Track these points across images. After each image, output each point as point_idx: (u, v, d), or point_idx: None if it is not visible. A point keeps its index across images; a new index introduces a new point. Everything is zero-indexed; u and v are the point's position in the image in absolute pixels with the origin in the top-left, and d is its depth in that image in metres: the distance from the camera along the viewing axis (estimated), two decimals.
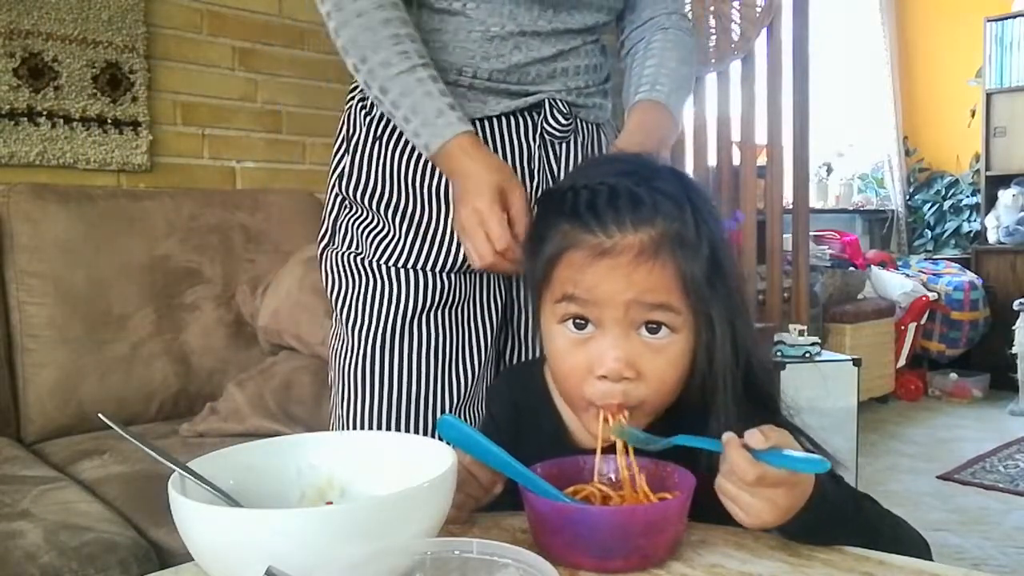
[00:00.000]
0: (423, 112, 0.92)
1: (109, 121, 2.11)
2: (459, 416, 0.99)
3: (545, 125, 1.02)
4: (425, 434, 0.96)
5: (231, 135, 2.36)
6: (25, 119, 1.99)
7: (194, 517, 0.56)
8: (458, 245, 0.98)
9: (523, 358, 1.08)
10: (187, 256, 1.98)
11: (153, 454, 0.63)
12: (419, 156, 1.00)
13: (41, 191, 1.86)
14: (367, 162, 1.03)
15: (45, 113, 2.01)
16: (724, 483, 0.64)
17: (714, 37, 3.18)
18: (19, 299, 1.79)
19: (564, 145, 1.04)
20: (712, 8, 3.16)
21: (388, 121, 1.02)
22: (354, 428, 0.99)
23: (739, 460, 0.62)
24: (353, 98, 1.07)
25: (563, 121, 1.02)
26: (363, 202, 1.03)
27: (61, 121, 2.04)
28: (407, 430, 0.97)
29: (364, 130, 1.04)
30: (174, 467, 0.62)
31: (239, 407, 1.77)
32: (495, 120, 1.01)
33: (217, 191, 2.23)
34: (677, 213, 0.72)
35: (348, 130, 1.06)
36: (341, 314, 1.02)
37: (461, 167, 0.91)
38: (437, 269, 1.00)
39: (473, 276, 1.02)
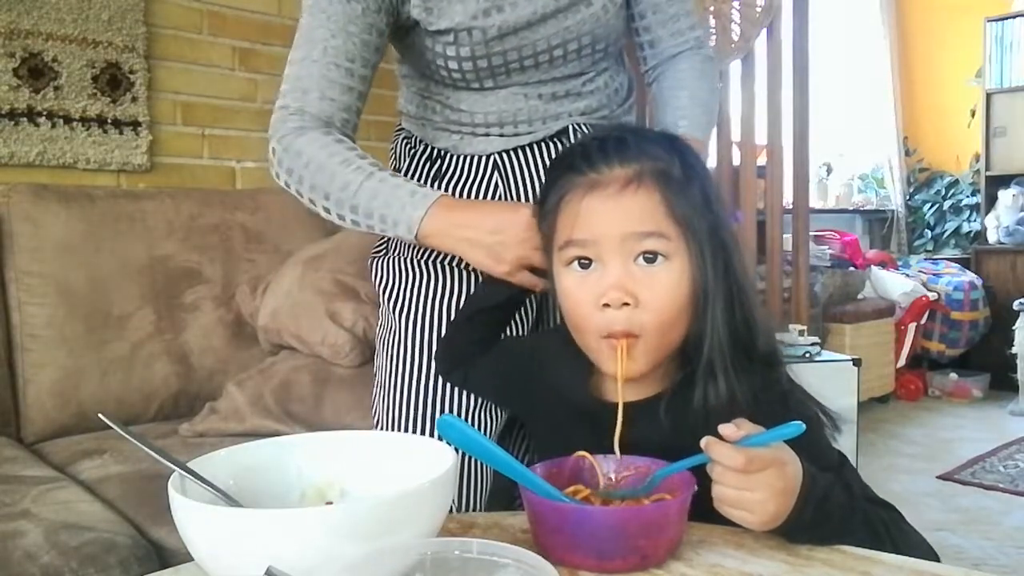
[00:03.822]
0: (398, 199, 0.95)
1: (109, 121, 2.11)
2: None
3: None
4: (459, 407, 1.03)
5: (231, 135, 2.36)
6: (25, 119, 1.98)
7: (194, 517, 0.56)
8: None
9: None
10: (187, 256, 1.98)
11: (153, 454, 0.63)
12: (457, 182, 1.09)
13: (41, 191, 1.85)
14: None
15: (45, 113, 2.01)
16: (722, 490, 0.65)
17: (714, 37, 3.18)
18: (19, 299, 1.78)
19: None
20: (712, 8, 3.15)
21: (433, 156, 1.11)
22: (398, 393, 1.05)
23: (725, 450, 0.64)
24: (399, 136, 1.16)
25: None
26: None
27: (61, 121, 2.03)
28: (442, 400, 1.03)
29: (408, 160, 1.15)
30: (174, 467, 0.62)
31: (239, 407, 1.77)
32: (524, 148, 1.09)
33: (217, 191, 2.23)
34: (663, 154, 0.78)
35: (396, 163, 1.16)
36: (389, 303, 1.10)
37: (463, 217, 0.94)
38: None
39: None
